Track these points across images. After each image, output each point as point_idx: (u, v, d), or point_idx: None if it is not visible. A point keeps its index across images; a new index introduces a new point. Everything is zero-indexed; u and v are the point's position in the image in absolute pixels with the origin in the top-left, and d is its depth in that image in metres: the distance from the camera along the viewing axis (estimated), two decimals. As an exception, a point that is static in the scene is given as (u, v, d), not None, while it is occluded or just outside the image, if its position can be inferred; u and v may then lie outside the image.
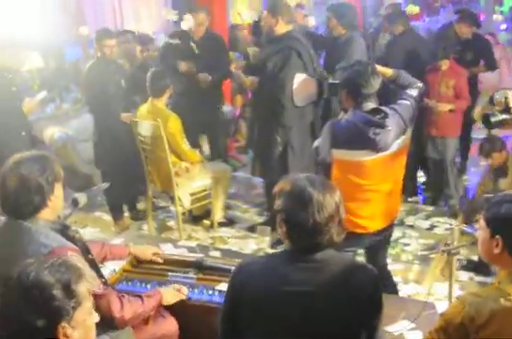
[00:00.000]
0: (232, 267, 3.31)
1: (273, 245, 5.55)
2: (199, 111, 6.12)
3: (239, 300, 2.33)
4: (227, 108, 7.27)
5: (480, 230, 2.31)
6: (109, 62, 5.88)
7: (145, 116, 5.48)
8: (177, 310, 3.17)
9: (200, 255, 3.85)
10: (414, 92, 3.77)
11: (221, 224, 5.96)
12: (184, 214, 6.03)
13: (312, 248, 2.30)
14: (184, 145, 5.48)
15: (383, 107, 3.59)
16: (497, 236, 2.20)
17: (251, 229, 5.92)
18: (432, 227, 5.91)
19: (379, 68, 3.75)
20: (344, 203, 3.59)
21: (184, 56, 6.08)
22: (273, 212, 5.47)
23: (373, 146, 3.51)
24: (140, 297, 2.95)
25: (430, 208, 6.36)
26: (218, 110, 6.39)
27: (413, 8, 9.79)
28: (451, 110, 5.88)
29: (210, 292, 3.27)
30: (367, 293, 2.28)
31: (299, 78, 4.97)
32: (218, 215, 5.93)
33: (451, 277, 3.26)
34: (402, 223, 5.91)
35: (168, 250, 4.27)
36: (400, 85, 3.83)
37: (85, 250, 2.91)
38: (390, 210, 3.83)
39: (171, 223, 6.19)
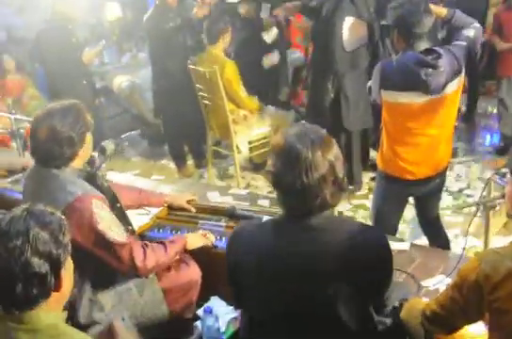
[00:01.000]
0: (265, 216, 3.30)
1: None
2: (260, 57, 6.02)
3: (235, 265, 2.20)
4: (295, 54, 7.09)
5: (508, 184, 2.13)
6: (167, 9, 5.81)
7: (202, 63, 5.42)
8: (202, 258, 3.15)
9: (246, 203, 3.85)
10: (471, 33, 3.53)
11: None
12: (245, 161, 6.03)
13: (305, 213, 2.05)
14: (242, 92, 5.41)
15: (436, 48, 3.37)
16: None
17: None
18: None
19: (433, 7, 3.52)
20: (393, 147, 3.59)
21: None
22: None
23: (424, 87, 3.30)
24: (164, 244, 2.92)
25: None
26: (280, 57, 6.21)
27: None
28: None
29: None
30: (368, 256, 2.04)
31: (348, 22, 4.76)
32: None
33: (487, 232, 3.10)
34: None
35: (213, 198, 4.28)
36: (456, 26, 3.59)
37: (112, 199, 2.94)
38: (439, 157, 3.64)
39: (232, 171, 6.15)
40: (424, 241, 4.14)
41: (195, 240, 3.10)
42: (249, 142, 5.66)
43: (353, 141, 5.30)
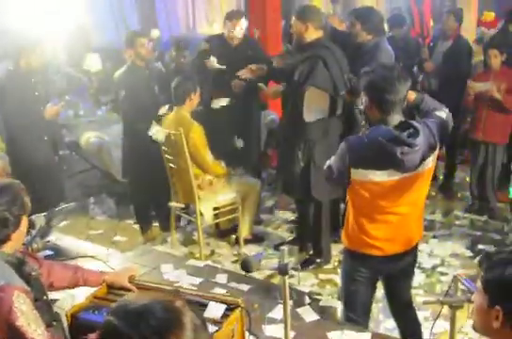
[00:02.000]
0: (208, 302, 3.03)
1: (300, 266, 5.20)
2: (233, 120, 5.82)
3: None
4: (270, 116, 6.92)
5: (477, 293, 1.88)
6: (142, 67, 5.64)
7: (169, 124, 5.21)
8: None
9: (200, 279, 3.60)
10: (443, 114, 3.30)
11: (248, 241, 5.62)
12: (211, 227, 5.79)
13: None
14: (208, 157, 5.18)
15: (413, 122, 3.12)
16: (497, 307, 1.76)
17: (279, 247, 5.56)
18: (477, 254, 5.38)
19: None
20: (360, 223, 3.29)
21: (219, 60, 5.76)
22: (300, 230, 5.17)
23: (398, 166, 3.06)
24: None
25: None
26: (253, 119, 6.00)
27: (488, 15, 9.23)
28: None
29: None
30: None
31: (310, 93, 4.58)
32: (245, 231, 5.60)
33: (452, 332, 2.84)
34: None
35: (167, 270, 4.02)
36: (425, 111, 3.36)
37: (39, 290, 2.69)
38: (410, 234, 3.39)
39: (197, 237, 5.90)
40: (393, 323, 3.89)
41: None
42: (215, 208, 5.40)
43: (322, 211, 5.06)
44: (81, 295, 3.23)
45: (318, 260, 5.18)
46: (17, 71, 5.34)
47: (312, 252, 5.24)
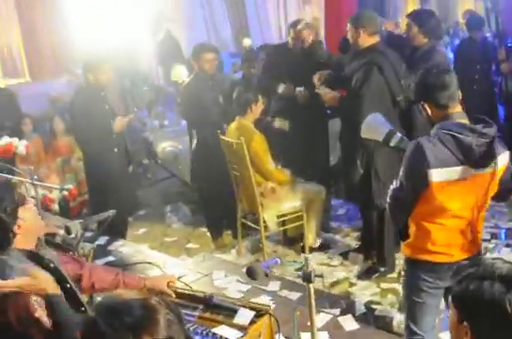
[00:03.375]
0: (240, 308, 3.06)
1: (360, 275, 5.14)
2: (301, 128, 5.83)
3: None
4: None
5: (451, 311, 1.83)
6: (207, 78, 5.78)
7: (232, 134, 5.30)
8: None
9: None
10: None
11: (314, 248, 5.60)
12: (279, 235, 5.83)
13: None
14: (269, 164, 5.24)
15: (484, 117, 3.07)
16: (465, 323, 1.72)
17: (345, 255, 5.53)
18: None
19: None
20: (425, 230, 3.18)
21: (282, 70, 5.79)
22: (365, 238, 5.11)
23: (473, 159, 2.97)
24: None
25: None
26: (318, 128, 5.98)
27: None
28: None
29: (203, 333, 3.00)
30: None
31: (367, 99, 4.55)
32: (310, 238, 5.58)
33: None
34: None
35: (218, 278, 4.11)
36: None
37: (60, 279, 2.75)
38: (476, 239, 3.27)
39: (265, 244, 5.94)
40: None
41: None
42: (281, 216, 5.44)
43: (385, 218, 4.97)
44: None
45: (382, 269, 5.10)
46: (87, 85, 5.57)
47: (375, 261, 5.17)
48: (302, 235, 5.65)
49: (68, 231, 3.05)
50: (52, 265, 2.80)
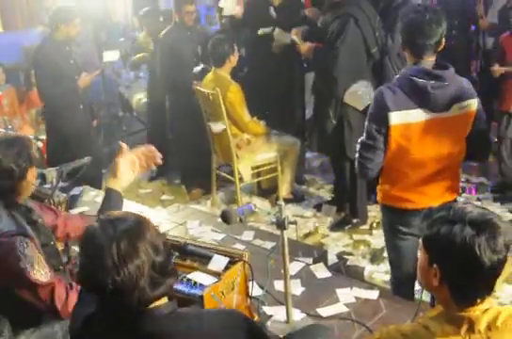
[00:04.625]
0: (214, 254, 3.11)
1: (333, 227, 5.22)
2: (274, 81, 5.81)
3: None
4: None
5: (420, 250, 1.89)
6: (186, 29, 5.78)
7: (208, 85, 5.28)
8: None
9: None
10: None
11: (287, 200, 5.66)
12: (254, 187, 5.88)
13: (128, 316, 1.80)
14: (245, 116, 5.25)
15: (447, 63, 3.13)
16: (434, 265, 1.78)
17: (318, 207, 5.60)
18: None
19: None
20: (392, 177, 3.28)
21: (261, 21, 5.75)
22: (338, 190, 5.15)
23: (429, 102, 3.04)
24: None
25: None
26: (295, 81, 5.97)
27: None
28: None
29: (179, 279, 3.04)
30: None
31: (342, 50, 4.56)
32: (284, 190, 5.64)
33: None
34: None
35: (193, 227, 4.14)
36: None
37: (46, 236, 2.84)
38: (443, 189, 3.31)
39: (240, 196, 5.99)
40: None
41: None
42: (255, 167, 5.48)
43: (357, 171, 5.03)
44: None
45: (354, 220, 5.18)
46: (52, 38, 5.44)
47: (347, 212, 5.24)
48: (276, 187, 5.71)
49: (43, 178, 3.05)
50: (40, 220, 2.83)
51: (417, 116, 3.07)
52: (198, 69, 5.57)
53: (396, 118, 3.08)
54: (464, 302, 1.77)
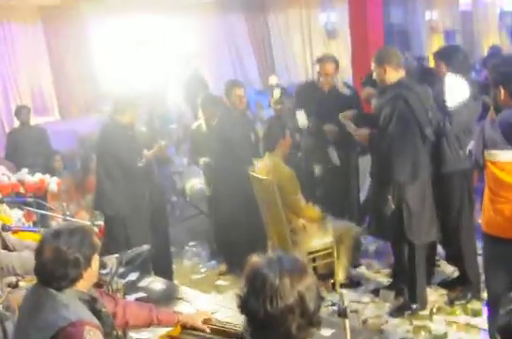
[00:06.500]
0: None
1: (392, 313, 5.08)
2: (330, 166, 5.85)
3: None
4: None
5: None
6: (238, 112, 5.89)
7: (261, 170, 5.33)
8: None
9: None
10: None
11: (344, 285, 5.55)
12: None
13: None
14: (300, 201, 5.24)
15: None
16: None
17: (376, 292, 5.47)
18: None
19: None
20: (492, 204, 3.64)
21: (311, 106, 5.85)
22: (397, 275, 5.06)
23: None
24: None
25: None
26: (350, 164, 5.99)
27: None
28: None
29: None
30: None
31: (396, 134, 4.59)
32: (341, 275, 5.54)
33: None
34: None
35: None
36: None
37: (110, 326, 2.85)
38: None
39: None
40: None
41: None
42: (311, 253, 5.42)
43: (416, 254, 4.93)
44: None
45: (414, 306, 5.04)
46: (117, 122, 5.49)
47: (406, 297, 5.11)
48: (333, 272, 5.62)
49: (103, 266, 3.07)
50: (104, 309, 2.85)
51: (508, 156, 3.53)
52: None
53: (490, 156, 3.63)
54: None
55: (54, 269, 2.64)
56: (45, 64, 11.04)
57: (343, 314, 2.75)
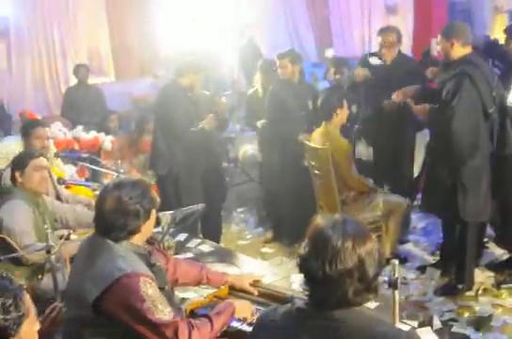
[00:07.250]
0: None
1: (437, 291, 5.03)
2: (386, 139, 5.78)
3: None
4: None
5: None
6: (294, 84, 5.84)
7: (317, 139, 5.29)
8: None
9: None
10: None
11: (389, 260, 5.50)
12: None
13: (324, 303, 1.95)
14: (352, 173, 5.20)
15: None
16: None
17: (422, 269, 5.42)
18: None
19: None
20: None
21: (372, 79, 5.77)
22: (445, 254, 5.01)
23: None
24: (210, 319, 2.80)
25: None
26: (405, 140, 5.92)
27: None
28: None
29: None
30: None
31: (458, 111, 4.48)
32: (386, 250, 5.50)
33: None
34: None
35: (296, 281, 4.06)
36: None
37: (162, 280, 2.87)
38: None
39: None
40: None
41: (243, 309, 3.00)
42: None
43: (468, 234, 4.85)
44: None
45: (460, 286, 4.98)
46: (178, 84, 5.52)
47: (453, 277, 5.05)
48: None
49: (158, 222, 3.09)
50: (158, 263, 2.89)
51: None
52: None
53: None
54: None
55: (114, 219, 2.67)
56: (104, 26, 11.09)
57: (393, 284, 2.73)
